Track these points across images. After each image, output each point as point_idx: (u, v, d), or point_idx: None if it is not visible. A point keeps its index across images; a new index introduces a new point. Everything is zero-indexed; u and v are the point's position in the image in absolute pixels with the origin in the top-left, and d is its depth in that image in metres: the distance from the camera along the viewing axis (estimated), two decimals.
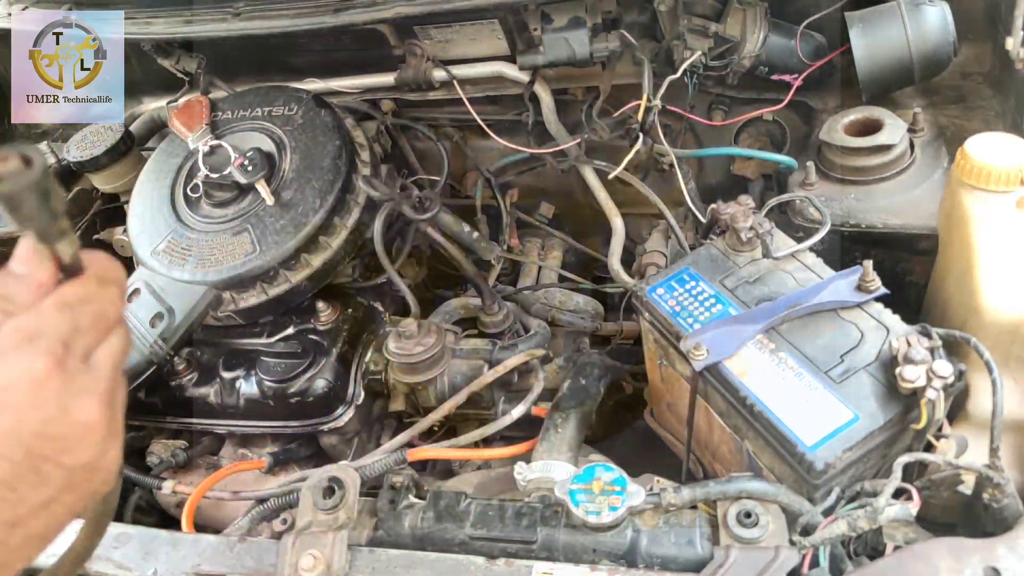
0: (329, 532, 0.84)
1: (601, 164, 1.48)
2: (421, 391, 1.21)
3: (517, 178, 1.68)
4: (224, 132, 1.35)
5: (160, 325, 1.20)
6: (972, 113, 1.27)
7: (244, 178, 1.24)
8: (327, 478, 0.89)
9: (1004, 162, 0.94)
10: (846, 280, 0.92)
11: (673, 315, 0.95)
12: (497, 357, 1.20)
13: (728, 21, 1.36)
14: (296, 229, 1.22)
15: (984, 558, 0.74)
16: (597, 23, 1.39)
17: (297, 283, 1.23)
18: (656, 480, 0.88)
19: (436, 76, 1.49)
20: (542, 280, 1.57)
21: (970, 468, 0.81)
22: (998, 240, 0.93)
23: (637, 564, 0.81)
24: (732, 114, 1.50)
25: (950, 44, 1.21)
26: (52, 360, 0.48)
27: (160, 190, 1.33)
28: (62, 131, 1.78)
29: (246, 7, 1.38)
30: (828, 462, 0.78)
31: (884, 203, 1.14)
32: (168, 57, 1.58)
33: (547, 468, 0.96)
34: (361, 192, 1.29)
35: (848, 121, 1.21)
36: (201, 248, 1.23)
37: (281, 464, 1.24)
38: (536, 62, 1.41)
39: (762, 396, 0.84)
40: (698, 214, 1.37)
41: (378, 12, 1.31)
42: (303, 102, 1.36)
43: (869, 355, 0.86)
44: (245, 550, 0.88)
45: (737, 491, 0.84)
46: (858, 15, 1.25)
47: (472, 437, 1.09)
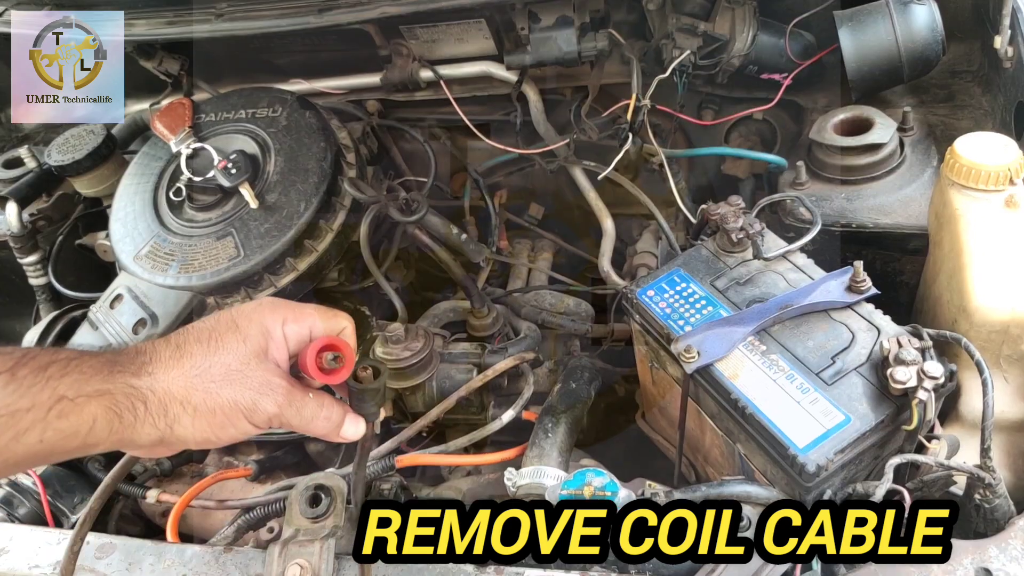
0: (316, 541, 0.83)
1: (591, 164, 1.47)
2: (409, 396, 1.19)
3: (506, 179, 1.67)
4: (207, 134, 1.33)
5: (143, 331, 1.19)
6: (961, 112, 1.27)
7: (228, 181, 1.22)
8: (314, 486, 0.88)
9: (993, 161, 0.93)
10: (837, 281, 0.91)
11: (664, 317, 0.94)
12: (487, 361, 1.19)
13: (717, 20, 1.35)
14: (281, 232, 1.20)
15: (976, 559, 0.74)
16: (585, 22, 1.38)
17: (282, 287, 1.22)
18: (648, 484, 0.87)
19: (423, 76, 1.47)
20: (532, 282, 1.56)
21: (961, 469, 0.81)
22: (987, 239, 0.93)
23: (629, 568, 0.80)
24: (722, 113, 1.50)
25: (939, 43, 1.21)
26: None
27: (142, 194, 1.31)
28: (43, 134, 1.76)
29: (229, 7, 1.36)
30: (820, 464, 0.77)
31: (874, 202, 1.14)
32: (150, 58, 1.56)
33: (537, 473, 0.95)
34: (347, 194, 1.27)
35: (838, 120, 1.21)
36: (184, 253, 1.22)
37: (267, 472, 1.22)
38: (524, 62, 1.40)
39: (753, 398, 0.84)
40: (688, 214, 1.37)
41: (363, 12, 1.29)
42: (287, 103, 1.34)
43: (860, 356, 0.85)
44: (231, 560, 0.87)
45: (729, 494, 0.83)
46: (847, 14, 1.24)
47: (462, 443, 1.08)
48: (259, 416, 0.67)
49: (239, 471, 1.18)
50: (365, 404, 0.74)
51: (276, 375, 0.69)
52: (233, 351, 0.68)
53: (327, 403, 0.72)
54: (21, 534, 0.94)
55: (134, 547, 0.90)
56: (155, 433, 0.64)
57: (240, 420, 0.67)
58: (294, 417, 0.69)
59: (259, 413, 0.67)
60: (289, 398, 0.69)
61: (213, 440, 0.68)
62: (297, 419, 0.69)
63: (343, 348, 0.71)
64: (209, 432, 0.66)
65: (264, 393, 0.67)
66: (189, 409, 0.65)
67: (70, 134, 1.45)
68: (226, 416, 0.66)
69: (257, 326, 0.70)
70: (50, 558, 0.90)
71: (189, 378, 0.66)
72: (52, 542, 0.92)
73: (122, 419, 0.62)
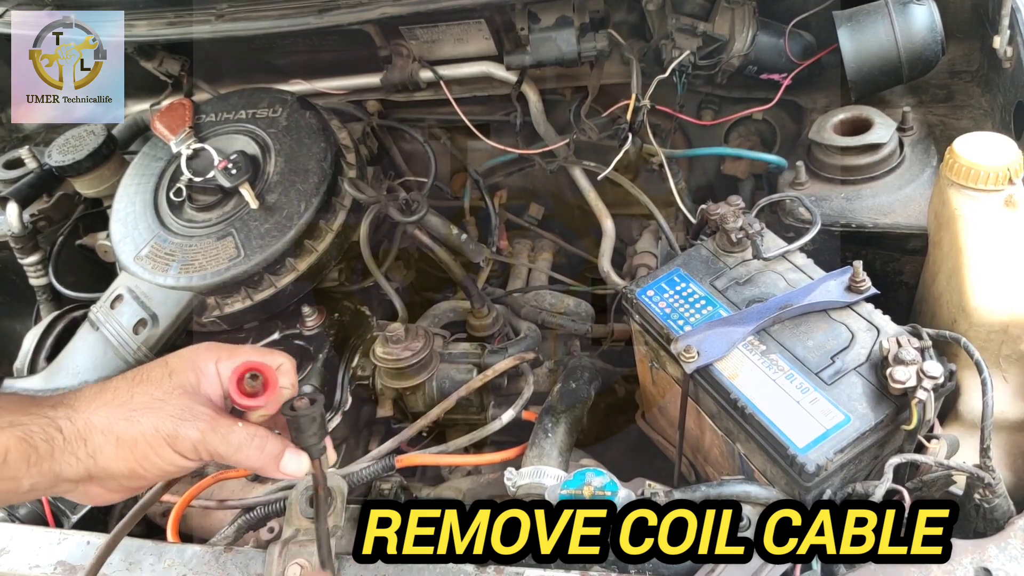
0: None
1: (590, 165, 1.47)
2: (409, 396, 1.19)
3: (506, 179, 1.67)
4: (208, 135, 1.33)
5: (143, 332, 1.18)
6: (961, 112, 1.27)
7: (228, 181, 1.22)
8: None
9: (992, 161, 0.94)
10: (836, 281, 0.91)
11: (664, 317, 0.94)
12: (487, 361, 1.19)
13: (717, 20, 1.35)
14: (281, 233, 1.20)
15: (975, 559, 0.74)
16: (585, 22, 1.38)
17: (283, 287, 1.22)
18: (648, 484, 0.87)
19: (423, 77, 1.47)
20: (532, 282, 1.56)
21: (961, 468, 0.81)
22: (987, 239, 0.93)
23: (629, 568, 0.80)
24: (722, 113, 1.50)
25: (938, 43, 1.21)
26: None
27: (143, 194, 1.31)
28: (44, 135, 1.76)
29: (230, 8, 1.36)
30: (820, 464, 0.77)
31: (874, 202, 1.14)
32: (151, 59, 1.56)
33: (537, 473, 0.95)
34: (347, 195, 1.27)
35: (838, 120, 1.21)
36: (185, 253, 1.22)
37: None
38: (523, 62, 1.40)
39: (753, 398, 0.84)
40: (688, 215, 1.37)
41: (364, 12, 1.29)
42: (288, 104, 1.34)
43: (860, 356, 0.85)
44: (231, 560, 0.87)
45: (729, 494, 0.83)
46: (846, 14, 1.24)
47: (462, 443, 1.08)
48: (182, 443, 0.66)
49: (239, 471, 1.18)
50: (304, 435, 0.71)
51: (201, 403, 0.68)
52: (157, 383, 0.68)
53: (260, 433, 0.70)
54: (21, 534, 0.94)
55: (134, 547, 0.90)
56: (79, 465, 0.64)
57: (163, 448, 0.66)
58: (220, 444, 0.67)
59: (181, 440, 0.66)
60: (213, 424, 0.67)
61: (140, 472, 0.66)
62: (224, 447, 0.67)
63: (265, 371, 0.70)
64: (134, 462, 0.65)
65: (186, 419, 0.66)
66: (111, 438, 0.64)
67: (70, 134, 1.45)
68: (148, 444, 0.65)
69: (187, 363, 0.70)
70: (50, 558, 0.90)
71: (111, 408, 0.65)
72: (52, 542, 0.92)
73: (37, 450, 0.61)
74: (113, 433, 0.65)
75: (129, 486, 0.69)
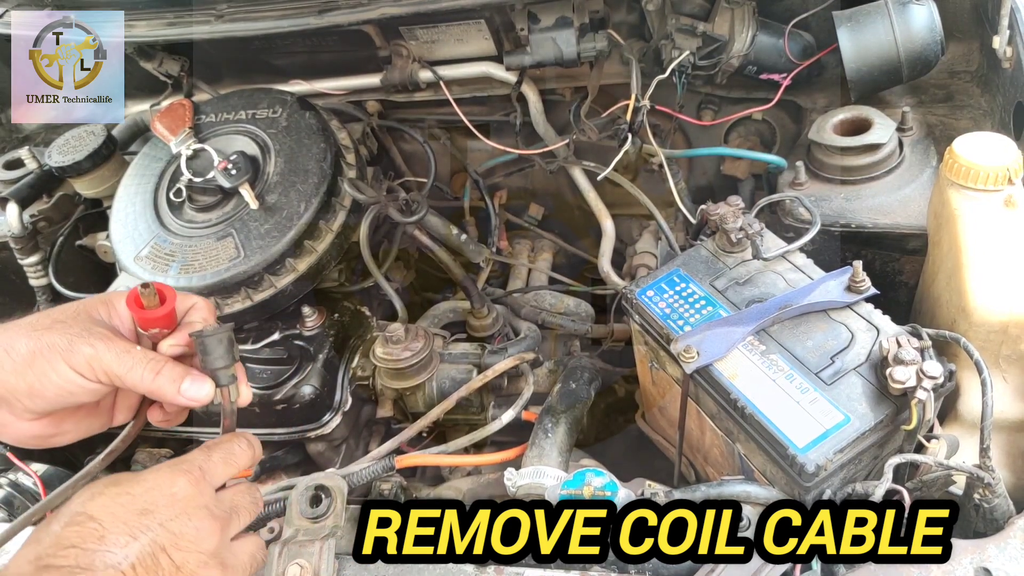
0: (316, 541, 0.83)
1: (590, 165, 1.47)
2: (409, 396, 1.19)
3: (506, 179, 1.67)
4: (207, 135, 1.33)
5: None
6: (960, 112, 1.27)
7: (228, 182, 1.22)
8: (314, 486, 0.88)
9: (992, 161, 0.94)
10: (836, 281, 0.91)
11: (663, 317, 0.94)
12: (486, 361, 1.19)
13: (716, 20, 1.35)
14: (281, 233, 1.20)
15: (975, 559, 0.74)
16: (584, 23, 1.38)
17: (282, 288, 1.22)
18: (648, 484, 0.88)
19: (422, 77, 1.47)
20: (532, 282, 1.56)
21: (961, 469, 0.81)
22: (986, 239, 0.93)
23: (629, 568, 0.80)
24: (721, 114, 1.50)
25: (937, 43, 1.21)
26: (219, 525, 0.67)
27: (143, 195, 1.31)
28: (44, 135, 1.76)
29: (229, 9, 1.36)
30: (819, 464, 0.77)
31: (874, 202, 1.14)
32: (150, 60, 1.57)
33: (537, 474, 0.95)
34: (347, 195, 1.27)
35: (837, 120, 1.21)
36: (184, 253, 1.22)
37: (268, 472, 1.22)
38: (523, 62, 1.40)
39: (753, 398, 0.84)
40: (688, 215, 1.37)
41: (363, 13, 1.29)
42: (287, 104, 1.34)
43: (859, 356, 0.85)
44: None
45: (729, 494, 0.83)
46: (846, 14, 1.25)
47: (462, 443, 1.08)
48: (76, 357, 0.67)
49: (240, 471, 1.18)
50: (209, 358, 0.70)
51: (101, 326, 0.70)
52: (64, 309, 0.71)
53: (159, 358, 0.70)
54: (21, 534, 0.94)
55: None
56: None
57: (58, 363, 0.67)
58: (114, 362, 0.68)
59: (75, 354, 0.67)
60: (109, 343, 0.68)
61: (39, 389, 0.68)
62: (118, 365, 0.68)
63: (160, 287, 0.71)
64: (33, 378, 0.67)
65: (82, 336, 0.68)
66: (13, 354, 0.67)
67: (70, 135, 1.45)
68: (45, 359, 0.67)
69: (101, 299, 0.73)
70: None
71: (19, 328, 0.69)
72: None
73: None
74: (14, 348, 0.68)
75: (32, 408, 0.70)
